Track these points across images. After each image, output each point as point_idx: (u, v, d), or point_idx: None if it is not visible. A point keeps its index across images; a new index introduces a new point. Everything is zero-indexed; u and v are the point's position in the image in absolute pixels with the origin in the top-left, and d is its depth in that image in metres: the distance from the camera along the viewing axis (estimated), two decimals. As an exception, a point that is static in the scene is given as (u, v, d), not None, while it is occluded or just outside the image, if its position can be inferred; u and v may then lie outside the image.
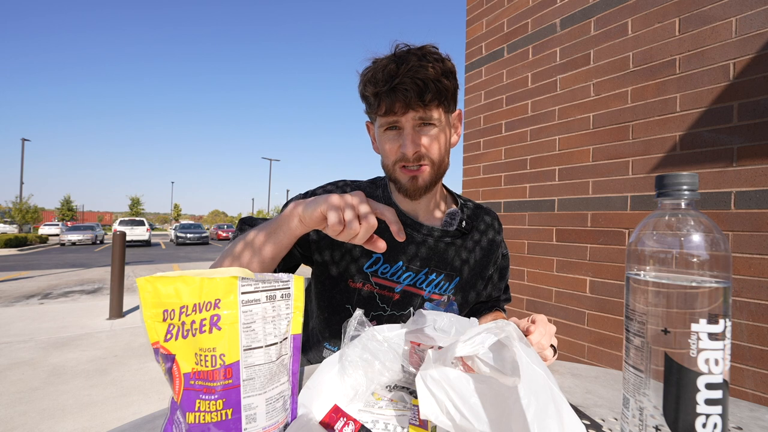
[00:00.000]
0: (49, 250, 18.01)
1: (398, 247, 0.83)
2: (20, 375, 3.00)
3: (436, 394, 0.42)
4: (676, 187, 0.38)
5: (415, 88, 0.71)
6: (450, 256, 0.86)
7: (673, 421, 0.35)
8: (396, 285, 0.83)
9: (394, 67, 0.72)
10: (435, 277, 0.84)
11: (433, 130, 0.76)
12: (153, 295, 0.41)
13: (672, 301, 0.36)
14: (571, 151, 2.12)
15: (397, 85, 0.71)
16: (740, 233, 1.51)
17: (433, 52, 0.75)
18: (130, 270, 9.93)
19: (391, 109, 0.73)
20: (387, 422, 0.48)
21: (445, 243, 0.86)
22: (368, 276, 0.82)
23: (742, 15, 1.54)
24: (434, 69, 0.72)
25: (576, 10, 2.13)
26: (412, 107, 0.72)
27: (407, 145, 0.74)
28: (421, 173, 0.77)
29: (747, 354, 1.48)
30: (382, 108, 0.74)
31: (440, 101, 0.74)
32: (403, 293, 0.83)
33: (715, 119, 1.59)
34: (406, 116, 0.74)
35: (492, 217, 0.96)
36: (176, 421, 0.42)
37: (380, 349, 0.54)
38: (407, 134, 0.75)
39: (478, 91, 2.72)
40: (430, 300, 0.84)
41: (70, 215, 52.83)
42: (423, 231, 0.85)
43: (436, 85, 0.72)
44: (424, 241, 0.84)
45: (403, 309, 0.83)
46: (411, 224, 0.84)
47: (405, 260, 0.83)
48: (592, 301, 1.98)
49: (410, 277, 0.83)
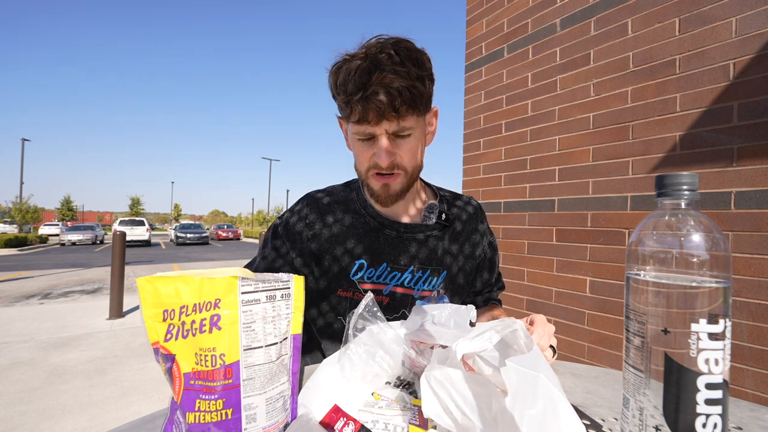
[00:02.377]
0: (49, 250, 18.01)
1: (380, 249, 0.82)
2: (20, 375, 3.00)
3: (439, 395, 0.42)
4: (676, 187, 0.38)
5: (389, 99, 0.67)
6: (434, 250, 0.84)
7: (673, 421, 0.35)
8: (384, 287, 0.82)
9: (367, 74, 0.67)
10: (422, 274, 0.83)
11: (408, 139, 0.74)
12: (153, 295, 0.41)
13: (672, 301, 0.36)
14: (571, 151, 2.12)
15: (370, 95, 0.67)
16: (740, 233, 1.51)
17: (407, 50, 0.70)
18: (130, 270, 9.93)
19: (364, 119, 0.70)
20: (387, 422, 0.48)
21: (427, 237, 0.84)
22: (355, 284, 0.81)
23: (742, 15, 1.54)
24: (409, 74, 0.68)
25: (576, 10, 2.13)
26: (385, 117, 0.69)
27: (381, 157, 0.73)
28: (394, 180, 0.77)
29: (747, 354, 1.48)
30: (354, 116, 0.71)
31: (415, 108, 0.71)
32: (391, 295, 0.82)
33: (715, 119, 1.59)
34: (380, 126, 0.71)
35: (474, 207, 0.94)
36: (176, 421, 0.42)
37: (380, 346, 0.54)
38: (381, 145, 0.72)
39: (478, 91, 2.72)
40: (420, 298, 0.83)
41: (70, 215, 52.82)
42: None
43: (411, 92, 0.68)
44: (406, 240, 0.83)
45: (395, 312, 0.82)
46: (389, 224, 0.83)
47: (389, 262, 0.82)
48: (592, 301, 1.98)
49: (396, 277, 0.82)
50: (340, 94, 0.71)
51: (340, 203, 0.86)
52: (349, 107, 0.71)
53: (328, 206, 0.86)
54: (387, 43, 0.70)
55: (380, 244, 0.82)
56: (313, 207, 0.85)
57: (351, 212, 0.85)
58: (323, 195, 0.88)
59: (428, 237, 0.85)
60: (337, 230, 0.83)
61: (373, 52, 0.69)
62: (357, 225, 0.83)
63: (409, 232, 0.83)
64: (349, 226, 0.83)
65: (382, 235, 0.83)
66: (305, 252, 0.83)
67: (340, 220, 0.84)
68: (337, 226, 0.83)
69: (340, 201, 0.87)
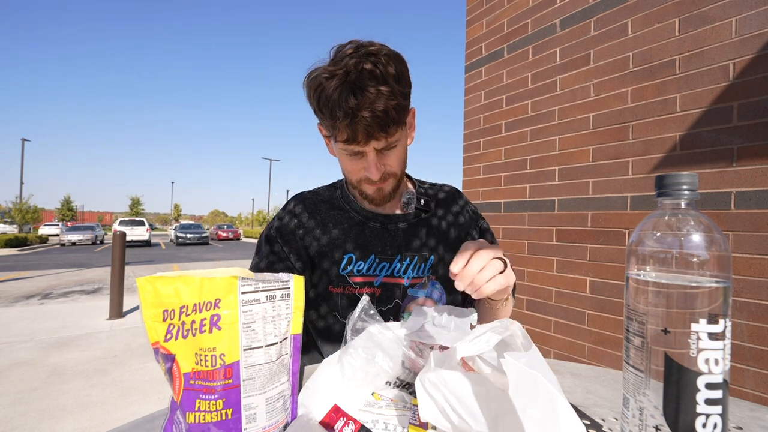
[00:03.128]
0: (49, 250, 18.01)
1: (367, 241, 0.84)
2: (20, 375, 3.00)
3: (434, 397, 0.42)
4: (676, 187, 0.38)
5: (377, 122, 0.67)
6: (418, 237, 0.87)
7: (673, 421, 0.35)
8: (374, 279, 0.83)
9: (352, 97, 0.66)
10: (409, 261, 0.85)
11: (394, 149, 0.76)
12: (153, 295, 0.41)
13: (672, 301, 0.36)
14: (571, 151, 2.12)
15: (359, 120, 0.67)
16: (740, 233, 1.51)
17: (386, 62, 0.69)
18: (130, 270, 9.93)
19: (353, 140, 0.70)
20: (387, 422, 0.48)
21: (409, 225, 0.87)
22: (346, 278, 0.83)
23: (742, 15, 1.54)
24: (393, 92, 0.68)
25: (576, 10, 2.13)
26: (374, 137, 0.70)
27: (372, 172, 0.75)
28: (386, 184, 0.80)
29: (747, 354, 1.48)
30: (341, 136, 0.71)
31: (400, 123, 0.72)
32: (383, 287, 0.84)
33: (715, 119, 1.59)
34: (369, 145, 0.72)
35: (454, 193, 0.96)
36: (176, 421, 0.42)
37: (380, 347, 0.54)
38: (371, 161, 0.74)
39: (478, 92, 2.72)
40: (411, 286, 0.85)
41: (70, 215, 52.83)
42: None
43: (396, 111, 0.69)
44: (390, 230, 0.86)
45: (388, 302, 0.84)
46: (372, 216, 0.86)
47: (376, 253, 0.84)
48: (592, 301, 1.98)
49: (385, 267, 0.84)
50: (325, 116, 0.71)
51: (325, 201, 0.90)
52: (335, 129, 0.71)
53: (315, 205, 0.89)
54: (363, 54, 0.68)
55: (366, 236, 0.85)
56: (301, 206, 0.88)
57: (336, 209, 0.88)
58: (310, 195, 0.92)
59: (411, 225, 0.87)
60: (324, 227, 0.86)
61: (353, 70, 0.67)
62: (342, 221, 0.87)
63: (392, 223, 0.86)
64: (335, 223, 0.86)
65: (367, 228, 0.86)
66: (301, 251, 0.84)
67: (326, 218, 0.87)
68: (325, 223, 0.86)
69: (326, 200, 0.90)
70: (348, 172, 0.81)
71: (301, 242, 0.85)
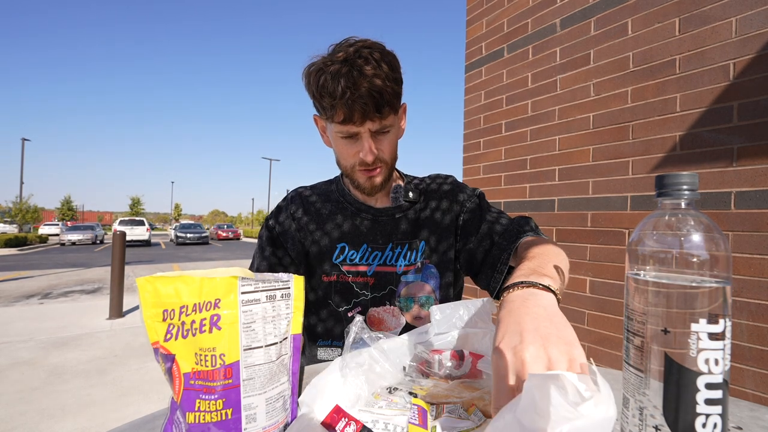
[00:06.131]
0: (49, 250, 18.01)
1: (359, 232, 0.88)
2: (20, 375, 3.00)
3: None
4: (676, 187, 0.38)
5: (373, 101, 0.72)
6: (407, 225, 0.90)
7: (673, 421, 0.35)
8: (367, 267, 0.87)
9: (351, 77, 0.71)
10: (401, 249, 0.88)
11: (387, 135, 0.80)
12: (153, 295, 0.41)
13: (672, 301, 0.36)
14: (571, 151, 2.12)
15: (356, 98, 0.71)
16: (740, 233, 1.51)
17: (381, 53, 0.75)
18: (130, 270, 9.92)
19: (349, 119, 0.74)
20: (387, 422, 0.48)
21: (400, 216, 0.90)
22: (339, 267, 0.87)
23: (742, 15, 1.54)
24: (387, 76, 0.73)
25: (576, 10, 2.13)
26: (369, 118, 0.74)
27: (366, 154, 0.78)
28: (377, 173, 0.83)
29: (747, 354, 1.48)
30: (338, 117, 0.75)
31: (393, 107, 0.77)
32: (376, 275, 0.87)
33: (715, 119, 1.59)
34: (364, 126, 0.76)
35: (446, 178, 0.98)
36: (176, 421, 0.42)
37: (380, 357, 0.54)
38: (365, 143, 0.78)
39: (478, 91, 2.72)
40: (404, 273, 0.87)
41: (70, 215, 52.85)
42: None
43: (390, 93, 0.74)
44: (380, 221, 0.89)
45: (382, 289, 0.87)
46: (365, 209, 0.90)
47: (368, 242, 0.88)
48: (592, 301, 1.98)
49: (377, 256, 0.87)
50: (324, 96, 0.74)
51: (321, 195, 0.94)
52: (333, 109, 0.74)
53: (310, 198, 0.94)
54: (361, 46, 0.75)
55: (358, 227, 0.89)
56: (297, 201, 0.93)
57: (331, 201, 0.93)
58: (306, 189, 0.97)
59: (400, 216, 0.91)
60: (319, 218, 0.91)
61: (351, 56, 0.73)
62: (336, 212, 0.91)
63: (382, 215, 0.90)
64: (329, 213, 0.91)
65: (359, 219, 0.90)
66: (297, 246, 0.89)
67: (321, 209, 0.92)
68: (319, 214, 0.91)
69: (322, 193, 0.95)
70: (342, 157, 0.84)
71: (296, 233, 0.89)
